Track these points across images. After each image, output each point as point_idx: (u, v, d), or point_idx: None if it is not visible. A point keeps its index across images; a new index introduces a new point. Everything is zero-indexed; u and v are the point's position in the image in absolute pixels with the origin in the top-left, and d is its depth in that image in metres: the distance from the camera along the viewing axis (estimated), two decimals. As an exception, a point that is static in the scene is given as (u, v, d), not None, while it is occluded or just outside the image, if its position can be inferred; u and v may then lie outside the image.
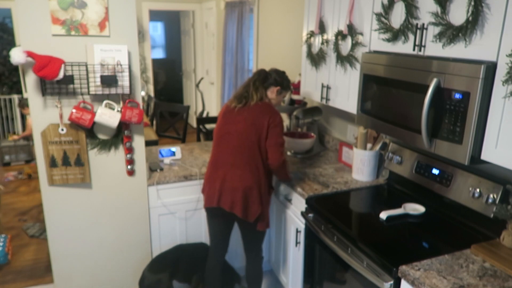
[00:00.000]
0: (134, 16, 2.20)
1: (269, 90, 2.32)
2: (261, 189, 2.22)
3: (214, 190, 2.24)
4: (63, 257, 2.44)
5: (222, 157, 2.25)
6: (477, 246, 1.68)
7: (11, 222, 3.88)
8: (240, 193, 2.18)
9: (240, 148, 2.20)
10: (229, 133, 2.24)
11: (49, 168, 2.24)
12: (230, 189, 2.19)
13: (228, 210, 2.22)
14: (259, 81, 2.29)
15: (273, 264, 2.92)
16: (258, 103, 2.23)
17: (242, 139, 2.20)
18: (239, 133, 2.20)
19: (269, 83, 2.31)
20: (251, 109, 2.22)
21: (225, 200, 2.21)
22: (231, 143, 2.22)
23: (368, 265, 1.72)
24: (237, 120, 2.22)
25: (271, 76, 2.32)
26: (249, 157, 2.19)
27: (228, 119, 2.27)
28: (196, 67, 7.10)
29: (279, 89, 2.33)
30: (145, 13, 6.44)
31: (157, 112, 4.68)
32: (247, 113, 2.21)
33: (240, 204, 2.19)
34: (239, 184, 2.18)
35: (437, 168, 2.07)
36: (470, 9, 1.51)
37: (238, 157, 2.20)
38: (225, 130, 2.26)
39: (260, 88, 2.27)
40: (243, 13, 4.74)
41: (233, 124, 2.23)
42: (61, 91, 2.15)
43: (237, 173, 2.19)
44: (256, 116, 2.20)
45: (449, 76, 1.60)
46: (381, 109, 2.02)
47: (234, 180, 2.19)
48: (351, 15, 2.25)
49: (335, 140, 3.09)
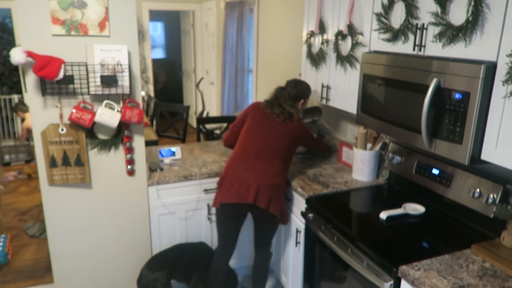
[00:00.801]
0: (134, 16, 2.20)
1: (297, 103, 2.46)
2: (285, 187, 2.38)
3: (248, 186, 2.24)
4: (63, 257, 2.44)
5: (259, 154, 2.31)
6: (477, 246, 1.68)
7: (11, 222, 3.88)
8: (278, 190, 2.29)
9: (279, 150, 2.32)
10: (268, 134, 2.35)
11: (49, 168, 2.24)
12: (267, 186, 2.25)
13: (264, 207, 2.26)
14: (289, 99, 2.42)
15: (273, 264, 2.92)
16: (297, 119, 2.40)
17: (282, 144, 2.33)
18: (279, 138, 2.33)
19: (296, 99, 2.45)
20: (291, 126, 2.37)
21: (262, 196, 2.24)
22: (269, 143, 2.33)
23: (368, 265, 1.72)
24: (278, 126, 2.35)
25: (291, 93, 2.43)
26: (284, 158, 2.33)
27: (266, 120, 2.38)
28: (196, 67, 7.10)
29: (303, 101, 2.49)
30: (145, 13, 6.44)
31: (157, 112, 4.68)
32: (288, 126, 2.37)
33: (276, 201, 2.28)
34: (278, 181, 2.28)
35: (437, 168, 2.07)
36: (470, 9, 1.51)
37: (275, 158, 2.31)
38: (264, 130, 2.36)
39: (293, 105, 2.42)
40: (243, 13, 4.74)
41: (274, 129, 2.36)
42: (61, 91, 2.15)
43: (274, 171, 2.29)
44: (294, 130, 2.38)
45: (449, 76, 1.60)
46: (381, 109, 2.02)
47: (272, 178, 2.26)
48: (351, 15, 2.25)
49: (335, 140, 3.09)
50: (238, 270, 2.81)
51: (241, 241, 2.68)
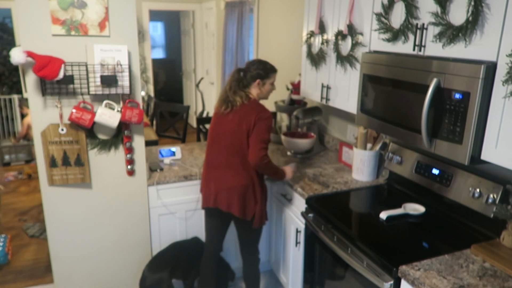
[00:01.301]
0: (134, 16, 2.20)
1: (251, 87, 2.26)
2: (255, 186, 2.23)
3: (209, 191, 2.27)
4: (63, 257, 2.44)
5: (215, 158, 2.28)
6: (477, 246, 1.68)
7: (11, 222, 3.88)
8: (236, 192, 2.20)
9: (231, 148, 2.21)
10: (219, 134, 2.26)
11: (49, 168, 2.24)
12: (225, 189, 2.22)
13: (225, 210, 2.24)
14: (234, 84, 2.25)
15: (273, 264, 2.92)
16: (245, 102, 2.20)
17: (232, 139, 2.20)
18: (228, 134, 2.21)
19: (247, 82, 2.26)
20: (239, 110, 2.20)
21: (221, 200, 2.24)
22: (222, 143, 2.24)
23: (368, 265, 1.72)
24: (226, 121, 2.23)
25: (247, 73, 2.26)
26: (241, 156, 2.19)
27: (218, 120, 2.29)
28: (196, 67, 7.10)
29: (259, 81, 2.25)
30: (145, 13, 6.44)
31: (157, 112, 4.68)
32: (234, 114, 2.21)
33: (237, 203, 2.20)
34: (234, 183, 2.20)
35: (437, 168, 2.07)
36: (470, 9, 1.51)
37: (230, 157, 2.21)
38: (216, 131, 2.28)
39: (238, 90, 2.23)
40: (243, 13, 4.74)
41: (223, 125, 2.25)
42: (61, 91, 2.15)
43: (230, 173, 2.21)
44: (243, 115, 2.18)
45: (449, 76, 1.60)
46: (381, 109, 2.02)
47: (228, 180, 2.21)
48: (351, 15, 2.25)
49: (335, 140, 3.09)
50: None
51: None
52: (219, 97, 2.32)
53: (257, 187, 2.25)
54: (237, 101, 2.20)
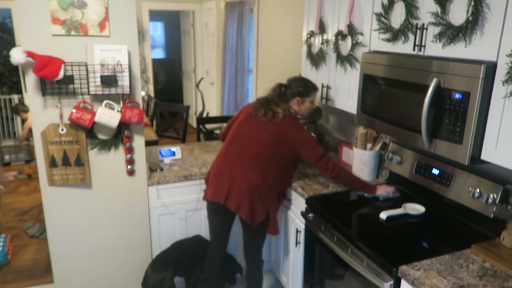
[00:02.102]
0: (134, 16, 2.20)
1: (291, 102, 2.30)
2: (267, 191, 2.21)
3: (221, 187, 2.22)
4: (63, 257, 2.44)
5: (237, 156, 2.24)
6: (477, 246, 1.68)
7: (11, 222, 3.88)
8: (247, 193, 2.17)
9: (259, 155, 2.20)
10: (251, 136, 2.24)
11: (49, 168, 2.24)
12: (239, 189, 2.19)
13: (234, 211, 2.21)
14: (276, 97, 2.28)
15: (273, 264, 2.92)
16: (286, 118, 2.21)
17: (261, 148, 2.20)
18: (260, 141, 2.20)
19: (287, 97, 2.30)
20: (277, 123, 2.21)
21: (232, 199, 2.20)
22: (251, 147, 2.22)
23: (368, 265, 1.72)
24: (261, 128, 2.22)
25: (287, 89, 2.30)
26: (263, 164, 2.19)
27: (251, 122, 2.28)
28: (196, 67, 7.10)
29: (299, 99, 2.29)
30: (145, 13, 6.44)
31: (157, 112, 4.68)
32: (272, 126, 2.21)
33: (246, 205, 2.18)
34: (248, 184, 2.17)
35: (437, 168, 2.06)
36: (470, 9, 1.51)
37: (254, 162, 2.19)
38: (246, 131, 2.27)
39: (280, 103, 2.26)
40: (243, 13, 4.74)
41: (256, 130, 2.23)
42: (61, 91, 2.15)
43: (248, 175, 2.19)
44: (280, 131, 2.20)
45: (449, 76, 1.60)
46: (381, 109, 2.02)
47: (243, 181, 2.18)
48: (351, 15, 2.25)
49: (335, 140, 3.09)
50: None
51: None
52: (259, 100, 2.32)
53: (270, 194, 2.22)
54: (279, 112, 2.20)
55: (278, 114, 2.20)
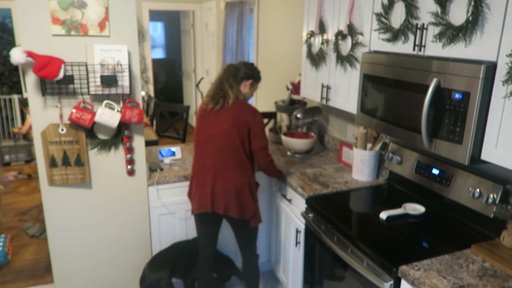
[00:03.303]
0: (134, 16, 2.20)
1: (241, 84, 2.25)
2: (251, 186, 2.24)
3: (205, 195, 2.21)
4: (63, 257, 2.44)
5: (208, 161, 2.21)
6: (477, 246, 1.68)
7: (11, 222, 3.88)
8: (233, 193, 2.18)
9: (225, 150, 2.18)
10: (211, 136, 2.20)
11: (49, 168, 2.24)
12: (222, 191, 2.18)
13: (223, 213, 2.21)
14: (231, 77, 2.23)
15: (273, 264, 2.92)
16: (235, 101, 2.19)
17: (225, 141, 2.17)
18: (222, 136, 2.17)
19: (241, 78, 2.25)
20: (230, 110, 2.17)
21: (218, 203, 2.20)
22: (215, 146, 2.19)
23: (368, 265, 1.72)
24: (217, 122, 2.19)
25: (241, 70, 2.26)
26: (235, 157, 2.18)
27: (207, 121, 2.23)
28: (196, 67, 7.10)
29: (252, 81, 2.27)
30: (145, 13, 6.44)
31: (157, 112, 4.68)
32: (226, 114, 2.17)
33: (234, 205, 2.19)
34: (231, 185, 2.18)
35: (437, 168, 2.07)
36: (470, 9, 1.51)
37: (225, 159, 2.18)
38: (207, 133, 2.22)
39: (234, 84, 2.22)
40: (243, 13, 4.74)
41: (214, 127, 2.20)
42: (61, 91, 2.15)
43: (226, 175, 2.18)
44: (236, 116, 2.16)
45: (449, 76, 1.60)
46: (381, 109, 2.02)
47: (225, 183, 2.18)
48: (351, 15, 2.25)
49: (335, 140, 3.09)
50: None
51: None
52: (208, 93, 2.27)
53: (253, 185, 2.27)
54: (231, 96, 2.17)
55: (229, 99, 2.17)
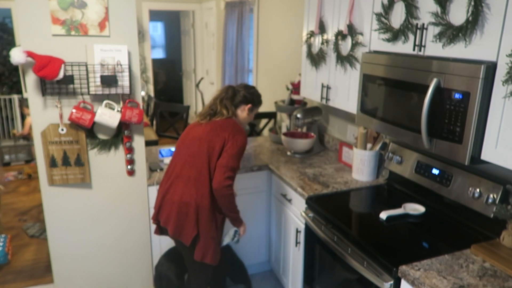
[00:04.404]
0: (134, 16, 2.20)
1: (239, 108, 2.15)
2: (201, 209, 1.97)
3: (156, 202, 2.11)
4: (63, 257, 2.44)
5: (173, 169, 2.08)
6: (477, 246, 1.68)
7: (11, 222, 3.88)
8: (176, 207, 1.98)
9: (191, 157, 2.01)
10: (184, 143, 2.09)
11: (49, 168, 2.24)
12: (168, 201, 2.02)
13: (163, 225, 2.06)
14: (227, 99, 2.11)
15: (273, 264, 2.92)
16: (223, 119, 2.06)
17: (193, 151, 2.01)
18: (192, 145, 2.03)
19: (239, 101, 2.14)
20: (213, 123, 2.05)
21: (162, 213, 2.05)
22: (183, 154, 2.05)
23: (368, 265, 1.72)
24: (196, 130, 2.08)
25: (240, 93, 2.14)
26: (196, 171, 1.98)
27: (188, 131, 2.14)
28: (196, 67, 7.10)
29: (250, 106, 2.17)
30: (145, 13, 6.44)
31: (157, 112, 4.68)
32: (207, 126, 2.05)
33: (173, 220, 1.98)
34: (177, 197, 1.99)
35: (437, 168, 2.07)
36: (470, 9, 1.51)
37: (187, 169, 2.00)
38: (182, 140, 2.12)
39: (229, 105, 2.10)
40: (243, 13, 4.74)
41: (190, 136, 2.08)
42: (61, 91, 2.15)
43: (179, 186, 2.00)
44: (216, 127, 2.02)
45: (449, 76, 1.60)
46: (381, 109, 2.02)
47: (174, 193, 2.01)
48: (351, 15, 2.25)
49: (335, 140, 3.09)
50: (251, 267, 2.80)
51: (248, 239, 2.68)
52: (201, 112, 2.17)
53: (205, 212, 1.97)
54: (224, 113, 2.06)
55: (219, 116, 2.06)
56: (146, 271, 2.66)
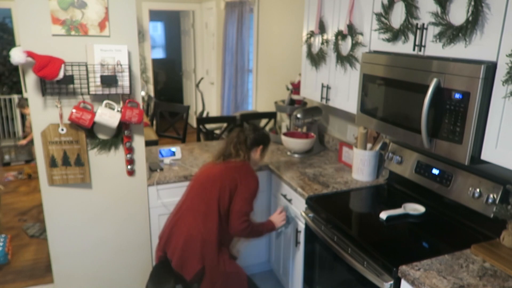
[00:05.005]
0: (134, 16, 2.20)
1: (252, 151, 2.22)
2: (207, 244, 2.01)
3: (163, 232, 2.16)
4: (63, 257, 2.44)
5: (183, 201, 2.18)
6: (477, 246, 1.68)
7: (11, 222, 3.88)
8: (182, 240, 2.03)
9: (201, 194, 2.09)
10: (198, 180, 2.18)
11: (49, 168, 2.24)
12: (177, 233, 2.07)
13: (169, 257, 2.09)
14: (240, 143, 2.18)
15: (273, 264, 2.92)
16: (238, 161, 2.13)
17: (205, 187, 2.09)
18: (205, 181, 2.12)
19: (251, 144, 2.20)
20: (228, 163, 2.13)
21: (169, 245, 2.09)
22: (195, 188, 2.15)
23: (368, 265, 1.72)
24: (209, 169, 2.17)
25: (250, 136, 2.20)
26: (206, 206, 2.05)
27: (202, 168, 2.24)
28: (196, 67, 7.10)
29: (262, 147, 2.24)
30: (145, 13, 6.44)
31: (157, 112, 4.68)
32: (221, 166, 2.13)
33: (179, 252, 2.02)
34: (185, 229, 2.04)
35: (437, 168, 2.07)
36: (470, 9, 1.51)
37: (197, 203, 2.08)
38: (195, 177, 2.22)
39: (243, 149, 2.16)
40: (243, 13, 4.74)
41: (205, 174, 2.17)
42: (61, 91, 2.15)
43: (188, 219, 2.07)
44: (228, 170, 2.09)
45: (449, 76, 1.60)
46: (381, 109, 2.02)
47: (183, 226, 2.06)
48: (351, 15, 2.25)
49: (335, 140, 3.09)
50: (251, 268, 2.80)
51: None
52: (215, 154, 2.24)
53: (210, 248, 2.00)
54: (239, 156, 2.14)
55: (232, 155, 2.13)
56: (146, 271, 2.65)
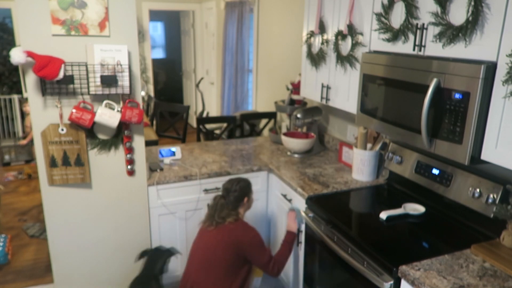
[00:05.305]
0: (134, 16, 2.20)
1: (239, 207, 2.19)
2: None
3: None
4: (63, 257, 2.44)
5: (190, 274, 2.15)
6: (477, 246, 1.68)
7: (11, 222, 3.88)
8: None
9: (207, 265, 2.09)
10: (199, 247, 2.17)
11: (49, 168, 2.24)
12: None
13: None
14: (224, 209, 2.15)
15: (273, 264, 2.92)
16: (231, 223, 2.12)
17: (209, 254, 2.09)
18: (207, 248, 2.11)
19: (235, 205, 2.17)
20: (223, 228, 2.12)
21: None
22: (199, 259, 2.14)
23: (368, 265, 1.72)
24: (208, 235, 2.14)
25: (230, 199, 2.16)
26: (215, 273, 2.07)
27: (201, 235, 2.21)
28: (196, 67, 7.10)
29: (247, 198, 2.21)
30: (145, 13, 6.44)
31: (157, 112, 4.68)
32: (218, 230, 2.12)
33: None
34: None
35: (437, 168, 2.07)
36: (470, 9, 1.51)
37: (205, 275, 2.09)
38: (196, 245, 2.20)
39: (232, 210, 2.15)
40: (243, 13, 4.74)
41: (203, 239, 2.16)
42: (61, 91, 2.15)
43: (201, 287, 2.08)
44: (228, 233, 2.09)
45: (449, 76, 1.60)
46: (381, 109, 2.02)
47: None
48: (351, 15, 2.25)
49: (335, 140, 3.09)
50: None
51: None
52: (206, 214, 2.23)
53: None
54: (230, 217, 2.12)
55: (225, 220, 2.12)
56: (146, 271, 2.66)
